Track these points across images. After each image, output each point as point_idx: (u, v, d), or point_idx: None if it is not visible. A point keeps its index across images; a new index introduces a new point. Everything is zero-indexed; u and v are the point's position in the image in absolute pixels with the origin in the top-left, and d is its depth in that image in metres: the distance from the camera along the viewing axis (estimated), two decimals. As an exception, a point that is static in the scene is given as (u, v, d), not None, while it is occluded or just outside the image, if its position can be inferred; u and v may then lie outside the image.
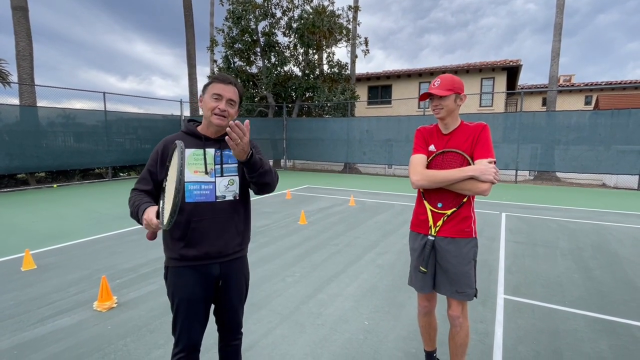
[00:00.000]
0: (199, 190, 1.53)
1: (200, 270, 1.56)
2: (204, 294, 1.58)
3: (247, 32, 15.67)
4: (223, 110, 1.52)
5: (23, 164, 9.80)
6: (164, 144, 1.60)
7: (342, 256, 4.38)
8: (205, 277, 1.56)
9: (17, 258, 4.18)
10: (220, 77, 1.55)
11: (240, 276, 1.67)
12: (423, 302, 2.09)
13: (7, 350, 2.41)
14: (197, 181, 1.53)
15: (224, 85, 1.53)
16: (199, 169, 1.54)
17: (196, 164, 1.54)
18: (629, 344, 2.52)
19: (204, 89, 1.58)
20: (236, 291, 1.66)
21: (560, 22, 12.99)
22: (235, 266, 1.63)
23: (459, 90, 1.87)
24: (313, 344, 2.50)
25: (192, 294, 1.55)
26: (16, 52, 10.68)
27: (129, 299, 3.18)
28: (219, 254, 1.56)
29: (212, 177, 1.55)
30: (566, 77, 26.07)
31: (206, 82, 1.60)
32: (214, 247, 1.55)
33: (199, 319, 1.59)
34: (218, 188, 1.56)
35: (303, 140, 15.78)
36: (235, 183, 1.60)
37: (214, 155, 1.57)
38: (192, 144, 1.57)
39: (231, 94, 1.54)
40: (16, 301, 3.13)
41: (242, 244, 1.66)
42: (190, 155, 1.55)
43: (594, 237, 5.26)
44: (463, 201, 1.88)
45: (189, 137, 1.59)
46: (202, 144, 1.57)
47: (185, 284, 1.56)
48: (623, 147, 10.47)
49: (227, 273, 1.61)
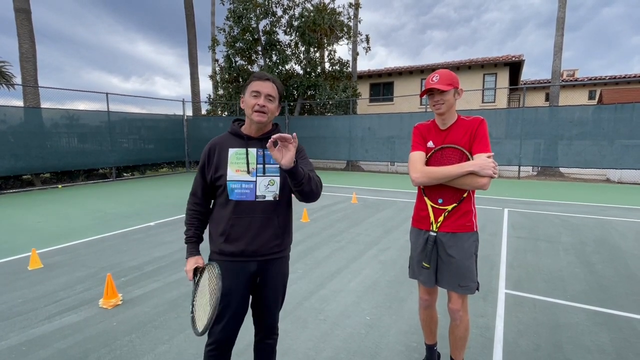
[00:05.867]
0: (240, 189, 1.57)
1: (239, 266, 1.59)
2: (241, 289, 1.61)
3: (248, 30, 15.69)
4: (262, 105, 1.54)
5: (28, 165, 9.89)
6: (209, 147, 1.65)
7: (344, 253, 4.41)
8: (242, 272, 1.59)
9: (24, 257, 4.24)
10: (258, 74, 1.59)
11: (278, 277, 1.67)
12: (424, 296, 2.11)
13: (17, 346, 2.46)
14: (238, 180, 1.57)
15: (261, 82, 1.56)
16: (240, 167, 1.58)
17: (238, 162, 1.58)
18: (630, 337, 2.53)
19: (244, 88, 1.62)
20: (272, 291, 1.67)
21: (562, 16, 12.91)
22: (273, 265, 1.64)
23: (457, 85, 1.89)
24: (315, 339, 2.54)
25: (230, 287, 1.58)
26: (20, 54, 10.77)
27: (134, 296, 3.23)
28: (254, 252, 1.58)
29: (253, 177, 1.58)
30: (570, 72, 25.88)
31: (245, 82, 1.63)
32: (251, 245, 1.57)
33: (235, 313, 1.61)
34: (258, 187, 1.57)
35: (305, 139, 15.78)
36: (276, 184, 1.60)
37: (256, 154, 1.59)
38: (236, 143, 1.61)
39: (269, 90, 1.56)
40: (24, 299, 3.18)
41: (281, 245, 1.65)
42: (233, 154, 1.59)
43: (596, 232, 5.26)
44: (463, 196, 1.90)
45: (233, 137, 1.64)
46: (245, 143, 1.60)
47: (225, 276, 1.58)
48: (627, 142, 10.41)
49: (264, 271, 1.62)
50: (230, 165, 1.58)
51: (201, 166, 1.65)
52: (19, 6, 10.63)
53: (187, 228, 1.69)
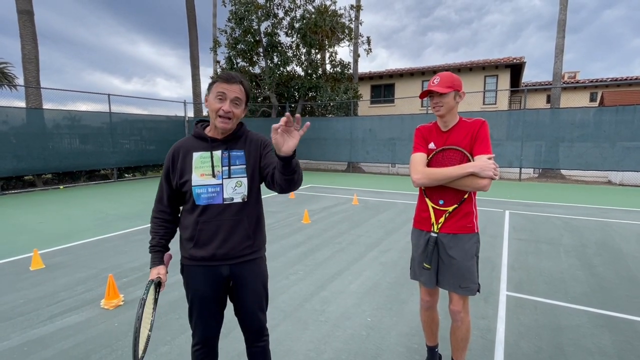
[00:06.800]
0: (206, 193, 1.53)
1: (210, 270, 1.56)
2: (214, 293, 1.59)
3: (249, 32, 15.75)
4: (227, 111, 1.48)
5: (30, 166, 9.93)
6: (172, 152, 1.60)
7: (345, 254, 4.41)
8: (214, 276, 1.56)
9: (25, 258, 4.26)
10: (224, 75, 1.50)
11: (255, 279, 1.63)
12: (425, 297, 2.11)
13: (18, 347, 2.47)
14: (203, 184, 1.53)
15: (227, 85, 1.48)
16: (205, 171, 1.54)
17: (203, 167, 1.54)
18: (631, 339, 2.52)
19: (209, 88, 1.54)
20: (251, 293, 1.63)
21: (564, 18, 12.92)
22: (247, 268, 1.60)
23: (458, 88, 1.90)
24: (316, 340, 2.54)
25: (204, 292, 1.58)
26: (22, 55, 10.82)
27: (135, 297, 3.24)
28: (225, 256, 1.55)
29: (219, 179, 1.54)
30: (571, 74, 25.87)
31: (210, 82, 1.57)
32: (221, 249, 1.53)
33: (212, 316, 1.62)
34: (225, 190, 1.53)
35: (306, 140, 15.79)
36: (244, 185, 1.56)
37: (221, 157, 1.55)
38: (200, 147, 1.57)
39: (236, 93, 1.49)
40: (26, 299, 3.19)
41: (254, 246, 1.61)
42: (197, 158, 1.55)
43: (598, 234, 5.25)
44: (464, 197, 1.90)
45: (197, 140, 1.59)
46: (209, 146, 1.56)
47: (197, 282, 1.58)
48: (628, 144, 10.39)
49: (237, 274, 1.58)
50: (195, 169, 1.54)
51: (165, 172, 1.60)
52: (21, 8, 10.68)
53: (151, 237, 1.63)
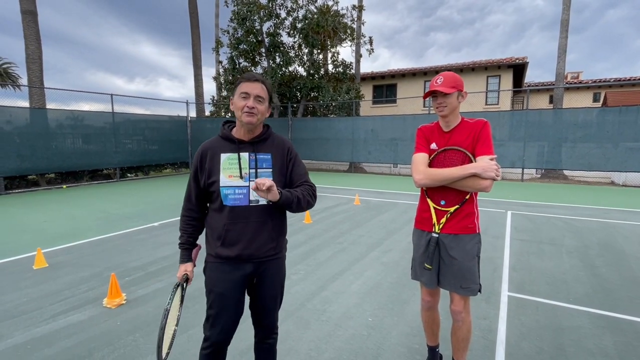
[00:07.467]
0: (234, 195, 1.58)
1: (235, 267, 1.61)
2: (237, 290, 1.63)
3: (251, 32, 15.77)
4: (251, 107, 1.54)
5: (33, 166, 9.97)
6: (200, 152, 1.65)
7: (346, 254, 4.41)
8: (239, 273, 1.61)
9: (29, 257, 4.28)
10: (247, 75, 1.58)
11: (275, 278, 1.69)
12: (426, 297, 2.11)
13: (22, 344, 2.49)
14: (231, 185, 1.58)
15: (250, 83, 1.56)
16: (233, 173, 1.59)
17: (231, 168, 1.59)
18: (633, 340, 2.52)
19: (233, 90, 1.62)
20: (269, 291, 1.69)
21: (566, 18, 12.87)
22: (269, 266, 1.66)
23: (461, 88, 1.90)
24: (317, 340, 2.54)
25: (226, 288, 1.61)
26: (26, 56, 10.88)
27: (138, 296, 3.25)
28: (250, 256, 1.60)
29: (246, 181, 1.59)
30: (574, 74, 25.78)
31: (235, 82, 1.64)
32: (247, 250, 1.59)
33: (231, 313, 1.64)
34: (252, 192, 1.58)
35: (308, 140, 15.81)
36: None
37: (249, 159, 1.60)
38: (228, 148, 1.62)
39: (258, 91, 1.56)
40: (29, 298, 3.21)
41: (277, 248, 1.67)
42: (225, 160, 1.60)
43: (600, 235, 5.23)
44: (466, 198, 1.90)
45: (224, 141, 1.64)
46: (237, 147, 1.61)
47: (221, 278, 1.62)
48: (632, 145, 10.34)
49: (260, 271, 1.64)
50: (223, 170, 1.59)
51: (194, 171, 1.66)
52: (25, 8, 10.74)
53: (180, 234, 1.72)
